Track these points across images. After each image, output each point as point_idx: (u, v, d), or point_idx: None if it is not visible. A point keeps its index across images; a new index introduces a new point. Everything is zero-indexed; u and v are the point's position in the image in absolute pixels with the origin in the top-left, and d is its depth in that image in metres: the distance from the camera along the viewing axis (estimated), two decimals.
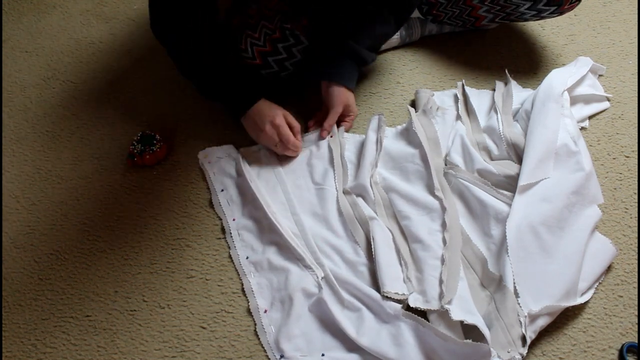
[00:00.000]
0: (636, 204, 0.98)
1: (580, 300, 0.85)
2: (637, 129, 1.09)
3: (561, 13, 1.11)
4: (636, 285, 0.89)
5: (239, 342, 0.86)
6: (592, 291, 0.87)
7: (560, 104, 1.00)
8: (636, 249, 0.93)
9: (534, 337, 0.81)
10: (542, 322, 0.81)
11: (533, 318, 0.81)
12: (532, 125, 0.99)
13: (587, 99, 1.11)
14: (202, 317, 0.89)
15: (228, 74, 1.04)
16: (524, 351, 0.78)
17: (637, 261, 0.92)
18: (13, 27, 1.41)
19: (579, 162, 0.94)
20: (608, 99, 1.14)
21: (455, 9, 1.18)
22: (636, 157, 1.05)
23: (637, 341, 0.83)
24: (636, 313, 0.86)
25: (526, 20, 1.16)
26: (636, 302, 0.87)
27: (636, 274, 0.90)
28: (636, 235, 0.95)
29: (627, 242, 0.94)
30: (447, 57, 1.24)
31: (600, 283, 0.89)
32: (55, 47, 1.35)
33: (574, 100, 1.08)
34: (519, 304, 0.81)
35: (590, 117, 1.11)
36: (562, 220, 0.88)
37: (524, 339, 0.79)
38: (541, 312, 0.81)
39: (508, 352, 0.78)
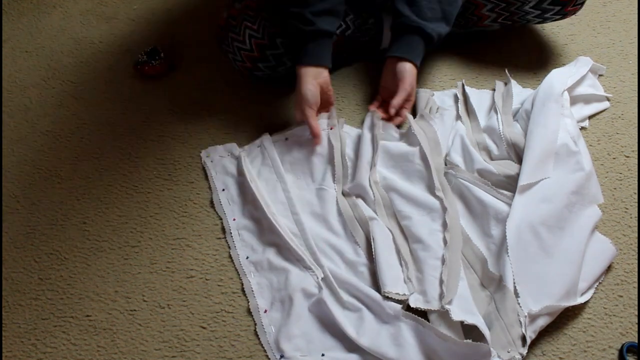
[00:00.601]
0: (636, 204, 0.98)
1: (580, 300, 0.85)
2: (637, 129, 1.09)
3: (564, 15, 1.11)
4: (636, 285, 0.89)
5: (239, 342, 0.86)
6: (592, 291, 0.87)
7: (560, 104, 1.00)
8: (636, 249, 0.93)
9: (534, 337, 0.81)
10: (542, 322, 0.81)
11: (533, 318, 0.80)
12: (532, 125, 0.99)
13: (587, 99, 1.11)
14: (202, 317, 0.89)
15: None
16: (524, 351, 0.78)
17: (637, 261, 0.92)
18: (13, 27, 1.41)
19: (579, 162, 0.94)
20: (608, 99, 1.14)
21: None
22: (636, 157, 1.05)
23: (637, 341, 0.83)
24: (636, 313, 0.86)
25: (528, 21, 1.16)
26: (636, 302, 0.87)
27: (636, 274, 0.90)
28: (636, 235, 0.94)
29: (627, 242, 0.94)
30: (447, 57, 1.24)
31: (600, 283, 0.89)
32: (55, 47, 1.35)
33: (574, 100, 1.08)
34: (519, 304, 0.81)
35: (590, 117, 1.11)
36: (562, 220, 0.88)
37: (524, 338, 0.79)
38: (541, 312, 0.80)
39: (508, 352, 0.78)
